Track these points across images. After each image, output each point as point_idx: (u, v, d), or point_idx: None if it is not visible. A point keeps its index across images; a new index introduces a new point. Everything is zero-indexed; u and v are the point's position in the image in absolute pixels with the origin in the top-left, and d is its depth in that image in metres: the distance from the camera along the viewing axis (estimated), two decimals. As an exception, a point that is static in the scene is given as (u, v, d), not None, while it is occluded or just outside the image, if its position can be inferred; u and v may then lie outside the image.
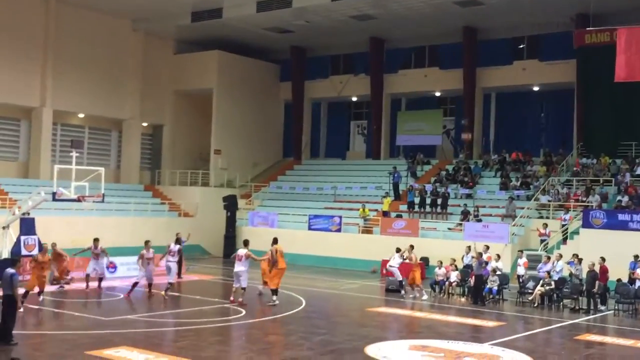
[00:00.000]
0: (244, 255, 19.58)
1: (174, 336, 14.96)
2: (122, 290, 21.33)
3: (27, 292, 17.85)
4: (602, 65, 32.73)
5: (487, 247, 24.17)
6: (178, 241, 22.94)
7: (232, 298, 19.55)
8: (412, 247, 23.64)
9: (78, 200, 23.74)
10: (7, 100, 33.17)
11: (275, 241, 20.43)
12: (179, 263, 25.67)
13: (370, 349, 13.96)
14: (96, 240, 22.26)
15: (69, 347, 13.42)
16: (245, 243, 20.50)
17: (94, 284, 21.78)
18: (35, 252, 22.05)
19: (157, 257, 22.23)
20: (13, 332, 13.42)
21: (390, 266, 23.24)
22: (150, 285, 20.96)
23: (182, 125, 40.48)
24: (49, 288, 20.36)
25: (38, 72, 34.04)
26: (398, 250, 23.46)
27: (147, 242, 21.28)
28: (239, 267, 19.47)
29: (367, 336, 15.51)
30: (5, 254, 22.65)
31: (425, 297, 22.12)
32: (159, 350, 13.15)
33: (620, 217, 25.68)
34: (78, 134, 36.61)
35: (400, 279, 22.91)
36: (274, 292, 19.67)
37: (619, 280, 21.40)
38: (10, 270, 13.87)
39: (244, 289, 19.47)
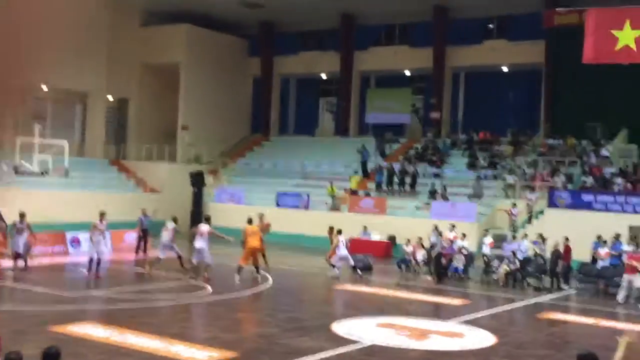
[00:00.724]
0: (207, 232, 19.43)
1: (138, 313, 14.78)
2: (86, 266, 20.99)
3: None
4: (570, 47, 32.69)
5: (453, 226, 24.32)
6: (175, 220, 22.00)
7: (192, 274, 19.47)
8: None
9: (41, 174, 23.25)
10: (-33, 71, 32.30)
11: (249, 221, 20.34)
12: (144, 240, 25.48)
13: (337, 326, 13.95)
14: (22, 215, 20.53)
15: (32, 324, 13.18)
16: (207, 219, 20.38)
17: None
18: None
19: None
20: None
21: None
22: (99, 262, 19.48)
23: (149, 99, 39.87)
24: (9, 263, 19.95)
25: None
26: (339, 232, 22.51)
27: (102, 214, 20.28)
28: (200, 244, 19.32)
29: (334, 314, 15.53)
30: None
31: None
32: (124, 327, 12.98)
33: (585, 197, 26.05)
34: (41, 107, 35.83)
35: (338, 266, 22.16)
36: (238, 269, 19.50)
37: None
38: None
39: (208, 265, 19.33)
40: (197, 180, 34.57)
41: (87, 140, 38.01)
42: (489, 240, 23.52)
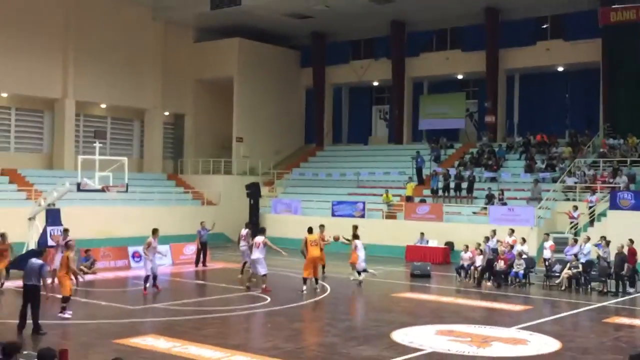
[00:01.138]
0: (262, 243, 19.60)
1: (199, 324, 14.99)
2: (142, 284, 21.38)
3: None
4: (628, 44, 32.23)
5: (512, 231, 23.94)
6: (247, 225, 23.66)
7: (247, 284, 19.69)
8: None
9: (102, 190, 23.85)
10: (29, 92, 33.43)
11: (309, 230, 20.45)
12: (204, 252, 25.84)
13: (397, 335, 13.87)
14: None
15: (97, 336, 13.51)
16: (262, 230, 20.68)
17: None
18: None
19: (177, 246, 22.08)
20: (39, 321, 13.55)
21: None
22: (155, 277, 19.37)
23: (204, 113, 40.55)
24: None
25: (59, 64, 34.22)
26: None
27: (155, 231, 19.87)
28: (256, 255, 19.51)
29: (393, 322, 15.42)
30: (32, 245, 22.84)
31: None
32: (185, 338, 13.18)
33: (649, 198, 25.27)
34: (101, 125, 36.83)
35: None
36: (304, 281, 19.61)
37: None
38: (38, 261, 13.95)
39: (264, 275, 19.49)
40: (253, 192, 34.92)
41: (146, 156, 38.85)
42: (549, 244, 23.02)
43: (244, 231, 23.11)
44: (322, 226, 23.33)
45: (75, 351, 11.48)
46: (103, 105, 37.02)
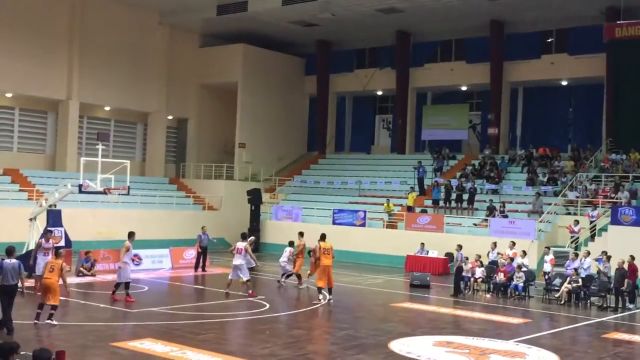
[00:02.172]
0: (243, 249, 19.64)
1: (198, 329, 14.97)
2: (147, 282, 21.40)
3: None
4: (632, 59, 32.28)
5: (513, 243, 23.93)
6: (246, 236, 21.96)
7: (226, 290, 19.72)
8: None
9: (104, 192, 23.86)
10: (33, 93, 33.52)
11: (322, 237, 20.33)
12: (204, 256, 25.83)
13: (395, 345, 13.85)
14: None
15: (95, 339, 13.50)
16: (244, 236, 20.71)
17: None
18: (62, 243, 22.19)
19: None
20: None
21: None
22: (128, 285, 18.27)
23: (207, 118, 40.62)
24: (74, 280, 20.47)
25: (64, 65, 34.31)
26: (291, 244, 22.68)
27: (131, 234, 18.85)
28: (238, 261, 19.58)
29: (391, 331, 15.39)
30: (32, 245, 22.84)
31: (303, 286, 21.73)
32: (183, 343, 13.17)
33: (650, 214, 25.23)
34: (104, 127, 36.88)
35: (290, 271, 22.45)
36: (319, 290, 19.54)
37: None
38: (15, 261, 13.92)
39: (248, 281, 19.56)
40: (254, 198, 34.94)
41: (148, 159, 38.89)
42: (550, 257, 23.00)
43: (288, 249, 22.65)
44: (301, 233, 23.20)
45: (73, 353, 11.46)
46: (107, 108, 37.09)
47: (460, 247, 24.31)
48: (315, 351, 13.66)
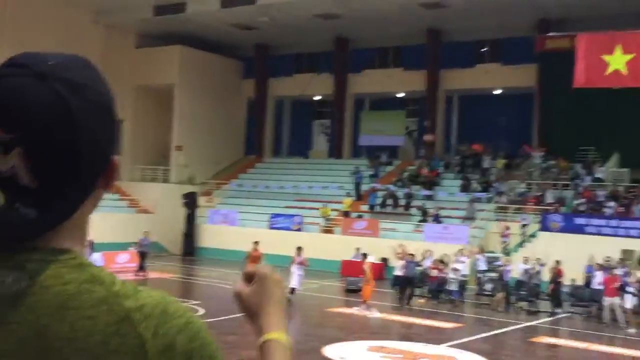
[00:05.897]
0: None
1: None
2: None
3: None
4: (562, 71, 33.12)
5: (461, 250, 24.02)
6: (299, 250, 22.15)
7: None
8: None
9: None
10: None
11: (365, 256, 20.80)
12: (143, 259, 25.29)
13: (328, 350, 13.89)
14: None
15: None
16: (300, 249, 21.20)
17: None
18: None
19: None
20: None
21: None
22: None
23: (143, 120, 39.90)
24: None
25: (-6, 63, 33.21)
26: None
27: None
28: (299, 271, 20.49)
29: (325, 336, 15.44)
30: None
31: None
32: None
33: (577, 221, 26.08)
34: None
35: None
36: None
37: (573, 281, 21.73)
38: None
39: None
40: (190, 202, 34.55)
41: (81, 161, 37.95)
42: (482, 262, 23.49)
43: (299, 258, 22.29)
44: (256, 242, 23.10)
45: None
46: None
47: (429, 252, 24.18)
48: (250, 357, 13.57)
